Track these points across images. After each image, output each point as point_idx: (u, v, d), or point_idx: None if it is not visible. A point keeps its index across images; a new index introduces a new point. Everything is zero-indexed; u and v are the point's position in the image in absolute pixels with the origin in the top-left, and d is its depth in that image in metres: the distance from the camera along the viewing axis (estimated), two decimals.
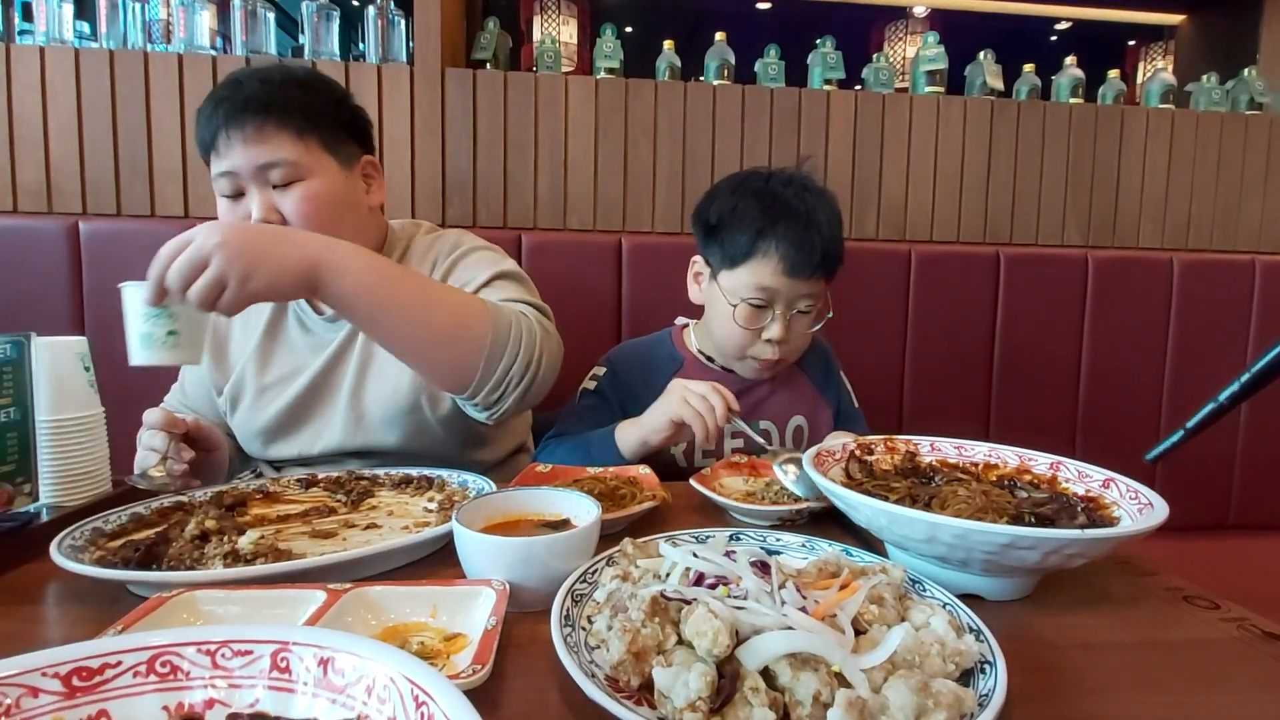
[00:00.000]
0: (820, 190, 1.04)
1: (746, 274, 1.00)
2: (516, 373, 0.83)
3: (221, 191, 0.91)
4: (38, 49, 1.40)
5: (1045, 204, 1.68)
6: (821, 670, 0.39)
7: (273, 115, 0.88)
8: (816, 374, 1.16)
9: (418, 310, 0.78)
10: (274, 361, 1.02)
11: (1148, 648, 0.53)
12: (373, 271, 0.75)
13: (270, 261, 0.69)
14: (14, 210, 1.41)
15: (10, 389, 0.66)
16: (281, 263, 0.70)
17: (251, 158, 0.87)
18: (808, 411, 1.12)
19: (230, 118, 0.87)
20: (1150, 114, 1.70)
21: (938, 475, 0.72)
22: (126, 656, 0.32)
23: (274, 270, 0.69)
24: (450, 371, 0.81)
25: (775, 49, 1.66)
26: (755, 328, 1.01)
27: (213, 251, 0.66)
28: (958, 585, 0.56)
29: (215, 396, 1.05)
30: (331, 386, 0.99)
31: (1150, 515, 0.56)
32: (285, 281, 0.70)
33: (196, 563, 0.57)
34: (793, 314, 1.02)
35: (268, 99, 0.88)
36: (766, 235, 0.98)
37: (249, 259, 0.67)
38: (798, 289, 1.00)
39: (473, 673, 0.41)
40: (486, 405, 0.85)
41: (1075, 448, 1.61)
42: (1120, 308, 1.59)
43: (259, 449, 1.03)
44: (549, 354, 0.87)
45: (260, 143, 0.87)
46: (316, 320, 1.03)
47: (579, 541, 0.56)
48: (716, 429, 0.87)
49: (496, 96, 1.51)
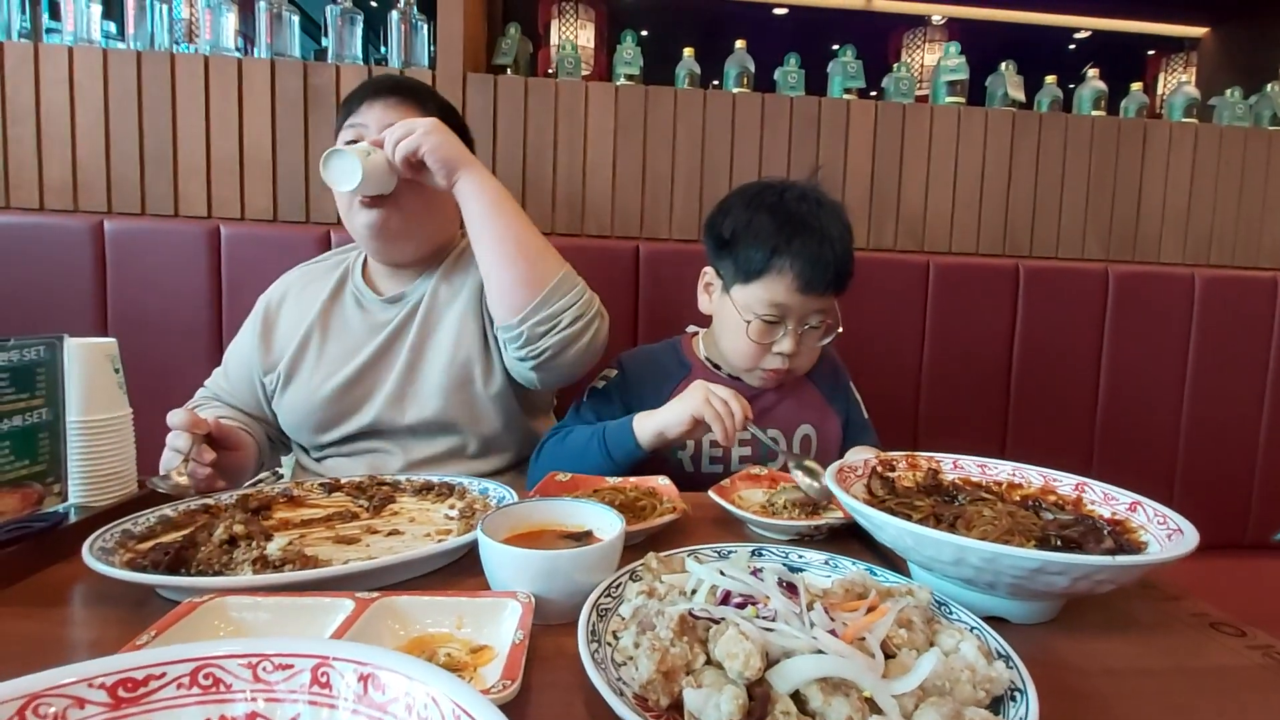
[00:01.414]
0: (833, 204, 1.04)
1: (760, 290, 1.00)
2: (568, 317, 0.94)
3: (343, 139, 1.05)
4: (66, 49, 1.42)
5: (1066, 216, 1.67)
6: (853, 695, 0.39)
7: (414, 97, 1.06)
8: (825, 384, 1.16)
9: (516, 225, 0.97)
10: (332, 338, 1.08)
11: (1175, 675, 0.52)
12: (496, 186, 0.99)
13: (447, 143, 0.96)
14: (40, 208, 1.43)
15: (42, 390, 0.67)
16: (455, 146, 0.97)
17: (385, 117, 1.02)
18: (816, 420, 1.12)
19: (380, 89, 1.06)
20: (1174, 128, 1.68)
21: (961, 494, 0.72)
22: (170, 668, 0.32)
23: (449, 149, 0.96)
24: (516, 286, 0.94)
25: (795, 57, 1.66)
26: (767, 342, 1.02)
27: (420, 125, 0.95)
28: (982, 607, 0.56)
29: (257, 380, 1.09)
30: (387, 363, 1.06)
31: (1180, 542, 0.55)
32: (451, 157, 0.96)
33: (225, 567, 0.58)
34: (804, 329, 1.02)
35: (416, 88, 1.08)
36: (781, 252, 0.98)
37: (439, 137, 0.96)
38: (810, 305, 1.01)
39: (503, 688, 0.41)
40: (531, 338, 0.94)
41: (1092, 465, 1.59)
42: (1140, 323, 1.58)
43: (309, 427, 1.06)
44: (598, 327, 0.99)
45: (396, 109, 1.04)
46: (374, 300, 1.10)
47: (604, 555, 0.56)
48: (733, 432, 0.89)
49: (517, 102, 1.52)
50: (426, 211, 1.05)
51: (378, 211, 1.00)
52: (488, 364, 1.06)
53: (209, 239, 1.40)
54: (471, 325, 1.06)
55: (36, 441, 0.66)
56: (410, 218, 1.03)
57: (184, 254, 1.39)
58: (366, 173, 0.92)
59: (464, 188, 0.97)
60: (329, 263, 1.18)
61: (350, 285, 1.12)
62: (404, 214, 1.02)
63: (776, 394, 1.11)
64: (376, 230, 1.02)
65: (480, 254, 0.98)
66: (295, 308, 1.11)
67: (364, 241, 1.07)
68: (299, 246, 1.37)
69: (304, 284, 1.14)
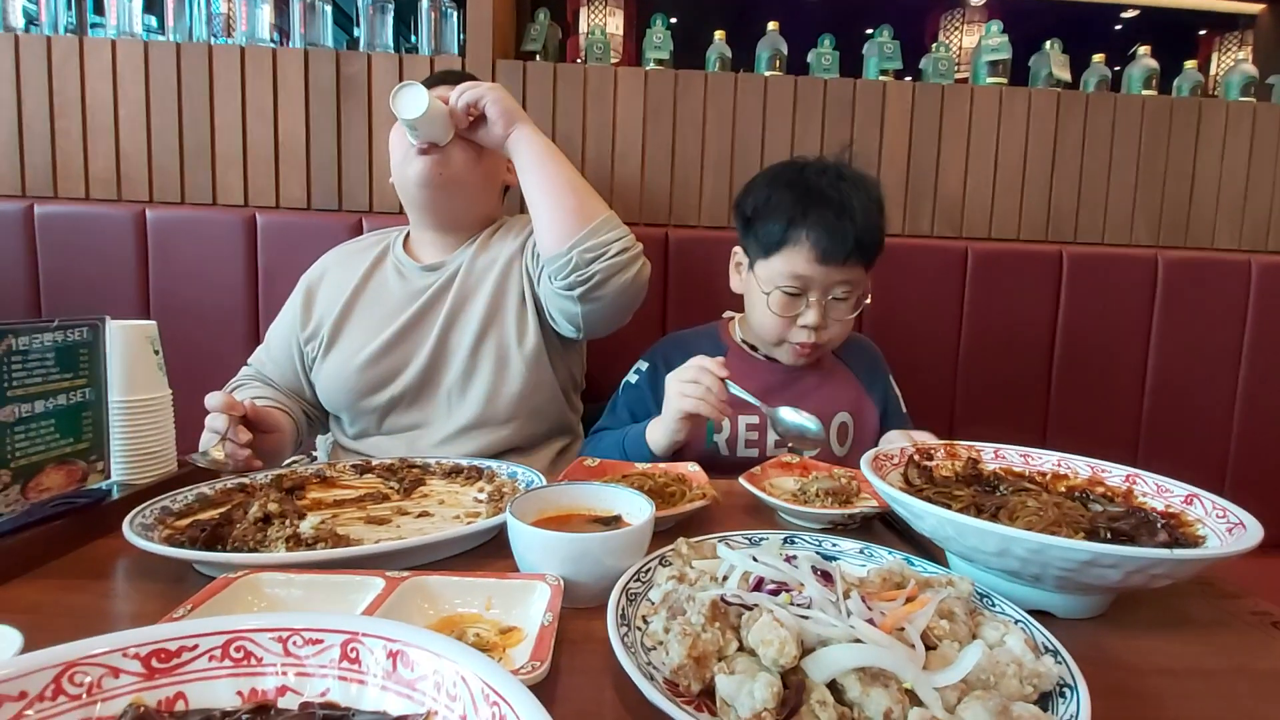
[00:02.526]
0: (858, 176, 1.03)
1: (780, 263, 1.01)
2: (615, 247, 0.98)
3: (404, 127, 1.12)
4: (109, 42, 1.45)
5: (1113, 201, 1.60)
6: (892, 686, 0.37)
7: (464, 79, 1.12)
8: (863, 372, 1.15)
9: (568, 170, 1.02)
10: (372, 305, 1.12)
11: (1235, 675, 0.49)
12: (548, 141, 1.04)
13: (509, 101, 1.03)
14: (86, 198, 1.47)
15: (86, 370, 0.69)
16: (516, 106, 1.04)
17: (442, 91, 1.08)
18: (853, 409, 1.11)
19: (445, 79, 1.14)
20: (1230, 107, 1.60)
21: (1002, 484, 0.69)
22: (203, 640, 0.32)
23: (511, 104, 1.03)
24: (568, 216, 0.99)
25: (829, 39, 1.62)
26: (790, 315, 1.02)
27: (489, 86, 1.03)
28: (1026, 600, 0.54)
29: (297, 351, 1.13)
30: (424, 327, 1.09)
31: (1243, 536, 0.52)
32: (512, 110, 1.03)
33: (260, 544, 0.58)
34: (829, 300, 1.01)
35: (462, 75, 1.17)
36: (798, 224, 0.99)
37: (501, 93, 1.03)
38: (832, 276, 0.99)
39: (532, 669, 0.40)
40: (580, 264, 0.97)
41: (1138, 458, 1.53)
42: (1192, 312, 1.51)
43: (348, 392, 1.09)
44: (642, 264, 1.03)
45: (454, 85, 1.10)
46: (414, 268, 1.13)
47: (633, 539, 0.55)
48: (723, 403, 0.89)
49: (546, 88, 1.51)
50: (475, 170, 1.10)
51: (431, 159, 1.05)
52: (523, 322, 1.09)
53: (246, 227, 1.42)
54: (508, 286, 1.10)
55: (80, 420, 0.68)
56: (459, 174, 1.08)
57: (222, 241, 1.42)
58: (430, 108, 0.96)
59: (519, 137, 1.02)
60: (369, 241, 1.23)
61: (391, 257, 1.17)
62: (454, 168, 1.07)
63: (815, 378, 1.10)
64: (428, 177, 1.06)
65: (532, 194, 1.02)
66: (336, 280, 1.15)
67: (414, 191, 1.10)
68: (332, 234, 1.39)
69: (345, 259, 1.19)
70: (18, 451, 0.61)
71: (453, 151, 1.06)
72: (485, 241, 1.14)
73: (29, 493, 0.62)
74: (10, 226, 1.40)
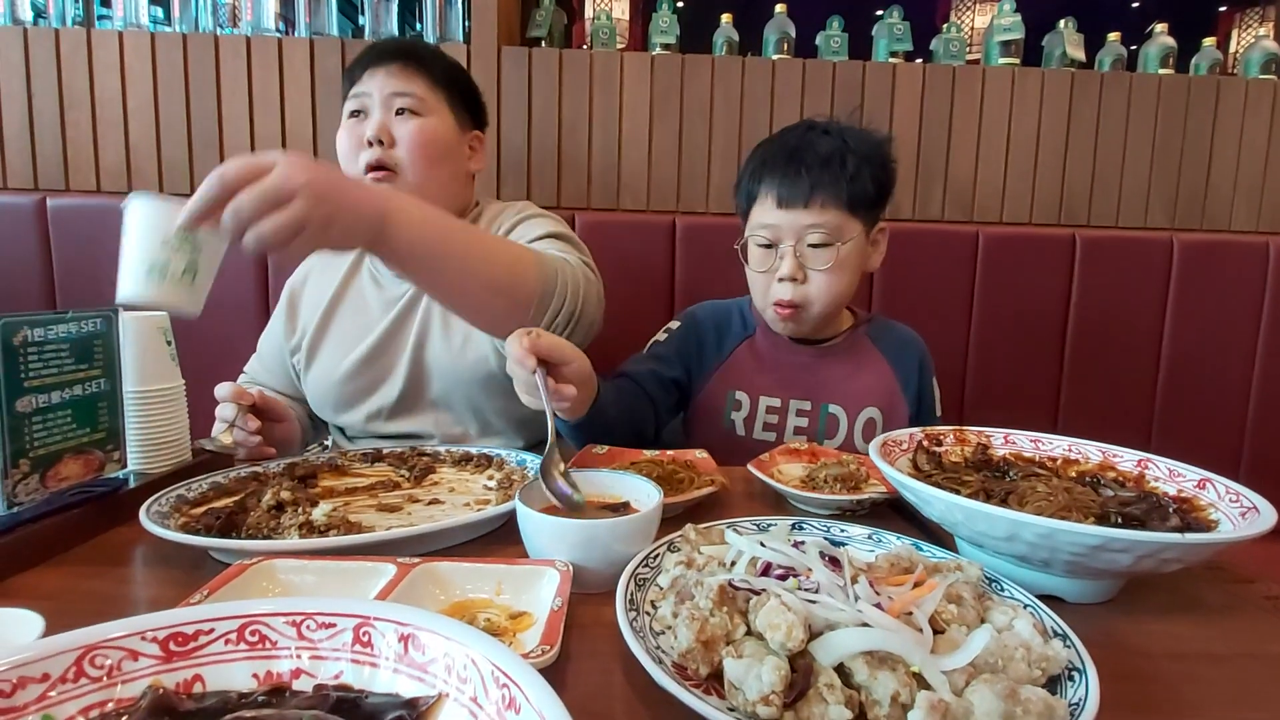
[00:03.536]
0: (842, 128, 1.01)
1: (753, 219, 1.02)
2: (562, 320, 0.88)
3: (348, 111, 1.03)
4: (116, 33, 1.46)
5: (1128, 183, 1.57)
6: (900, 670, 0.38)
7: (417, 61, 1.02)
8: (900, 366, 1.09)
9: (472, 261, 0.78)
10: (349, 315, 1.08)
11: (1247, 660, 0.49)
12: (430, 224, 0.74)
13: (349, 209, 0.65)
14: (97, 190, 1.48)
15: (100, 361, 0.70)
16: (357, 211, 0.66)
17: (388, 85, 1.00)
18: (884, 404, 1.05)
19: (382, 55, 1.01)
20: (1250, 85, 1.56)
21: (1012, 469, 0.69)
22: (219, 624, 0.33)
23: (351, 219, 0.66)
24: (501, 319, 0.83)
25: (838, 20, 1.59)
26: (766, 269, 1.00)
27: (298, 190, 0.60)
28: (1036, 585, 0.53)
29: (288, 361, 1.11)
30: (402, 338, 1.04)
31: (1256, 521, 0.52)
32: (360, 231, 0.67)
33: (273, 532, 0.59)
34: (805, 248, 0.97)
35: (419, 51, 1.03)
36: (758, 176, 1.00)
37: (332, 205, 0.63)
38: (799, 220, 0.97)
39: (541, 653, 0.41)
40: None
41: (1151, 443, 1.52)
42: (1208, 295, 1.49)
43: (333, 404, 1.07)
44: (590, 301, 0.93)
45: (400, 75, 1.00)
46: (389, 276, 1.08)
47: (642, 525, 0.55)
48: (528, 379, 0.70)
49: (551, 74, 1.50)
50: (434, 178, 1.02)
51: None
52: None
53: None
54: None
55: (96, 411, 0.69)
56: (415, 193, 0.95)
57: None
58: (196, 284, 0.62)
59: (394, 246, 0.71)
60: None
61: (367, 262, 1.12)
62: (407, 189, 0.98)
63: (846, 367, 1.06)
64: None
65: (447, 304, 0.86)
66: (316, 287, 1.12)
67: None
68: None
69: (324, 263, 1.15)
70: (36, 441, 0.62)
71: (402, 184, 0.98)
72: None
73: (48, 482, 0.63)
74: (24, 219, 1.41)
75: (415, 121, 1.00)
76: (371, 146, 0.98)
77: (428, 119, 1.01)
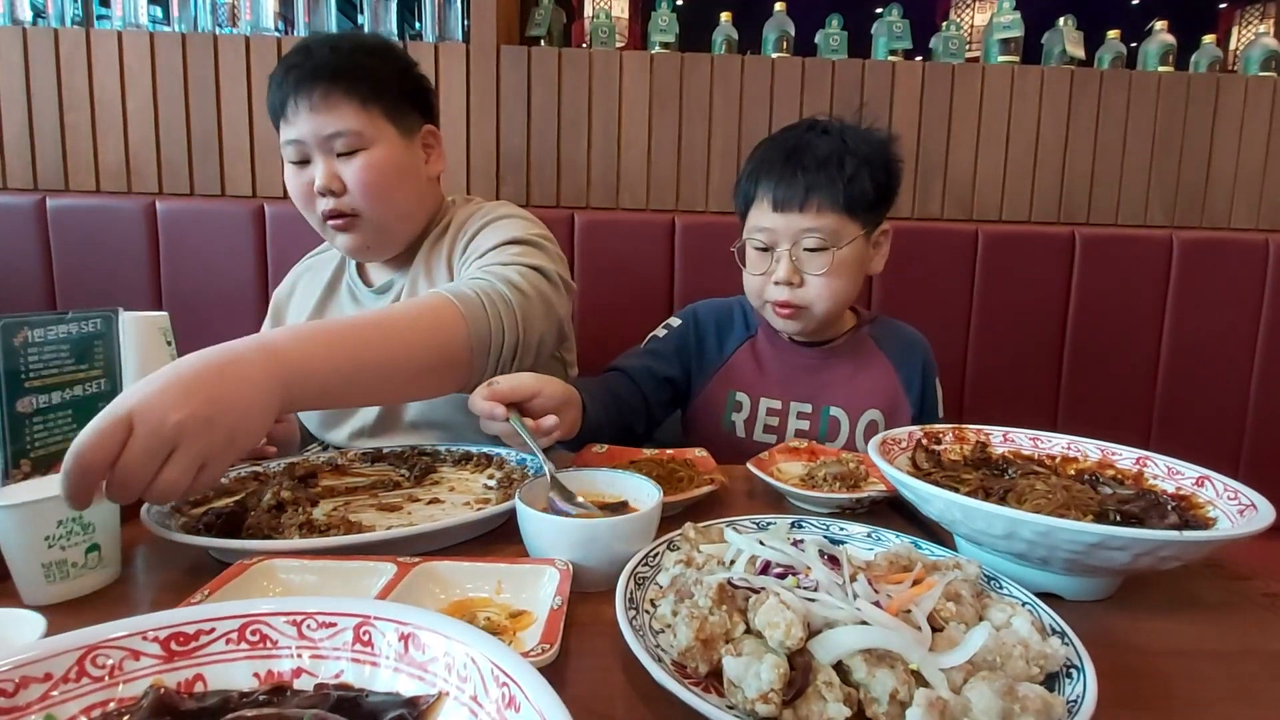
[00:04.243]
0: (843, 128, 0.99)
1: (750, 221, 1.01)
2: (508, 354, 0.82)
3: (289, 158, 0.95)
4: (115, 33, 1.46)
5: (1127, 181, 1.57)
6: (898, 668, 0.38)
7: (339, 84, 0.90)
8: (904, 367, 1.08)
9: (396, 362, 0.72)
10: None
11: (1245, 657, 0.49)
12: (335, 355, 0.66)
13: (241, 411, 0.56)
14: (97, 190, 1.48)
15: (100, 361, 0.70)
16: (250, 404, 0.57)
17: (317, 127, 0.90)
18: (886, 406, 1.05)
19: (299, 85, 0.90)
20: (1249, 82, 1.56)
21: (1011, 468, 0.69)
22: (220, 624, 0.33)
23: (250, 416, 0.57)
24: (448, 388, 0.80)
25: (837, 19, 1.60)
26: (762, 272, 1.00)
27: (174, 434, 0.51)
28: (1034, 583, 0.54)
29: None
30: None
31: (1255, 518, 0.52)
32: (265, 417, 0.58)
33: (274, 531, 0.59)
34: (802, 252, 0.96)
35: (335, 67, 0.90)
36: (755, 179, 1.00)
37: (222, 421, 0.54)
38: (795, 224, 0.95)
39: (541, 651, 0.41)
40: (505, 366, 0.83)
41: (1150, 441, 1.52)
42: (1208, 293, 1.49)
43: (315, 423, 1.06)
44: (534, 319, 0.85)
45: (326, 111, 0.90)
46: (365, 291, 1.06)
47: (641, 524, 0.56)
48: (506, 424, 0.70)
49: (551, 73, 1.50)
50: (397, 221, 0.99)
51: (346, 236, 0.95)
52: None
53: (254, 218, 1.43)
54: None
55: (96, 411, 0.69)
56: (381, 230, 0.97)
57: (231, 232, 1.43)
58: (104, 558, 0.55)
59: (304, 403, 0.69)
60: (331, 252, 1.14)
61: (345, 278, 1.09)
62: (373, 228, 0.96)
63: (848, 368, 1.06)
64: (351, 250, 0.99)
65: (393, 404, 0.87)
66: (300, 301, 1.11)
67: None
68: None
69: (308, 276, 1.14)
70: (36, 442, 0.62)
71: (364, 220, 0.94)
72: (429, 250, 1.03)
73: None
74: (24, 220, 1.42)
75: (359, 159, 0.92)
76: (325, 196, 0.93)
77: (371, 151, 0.93)
